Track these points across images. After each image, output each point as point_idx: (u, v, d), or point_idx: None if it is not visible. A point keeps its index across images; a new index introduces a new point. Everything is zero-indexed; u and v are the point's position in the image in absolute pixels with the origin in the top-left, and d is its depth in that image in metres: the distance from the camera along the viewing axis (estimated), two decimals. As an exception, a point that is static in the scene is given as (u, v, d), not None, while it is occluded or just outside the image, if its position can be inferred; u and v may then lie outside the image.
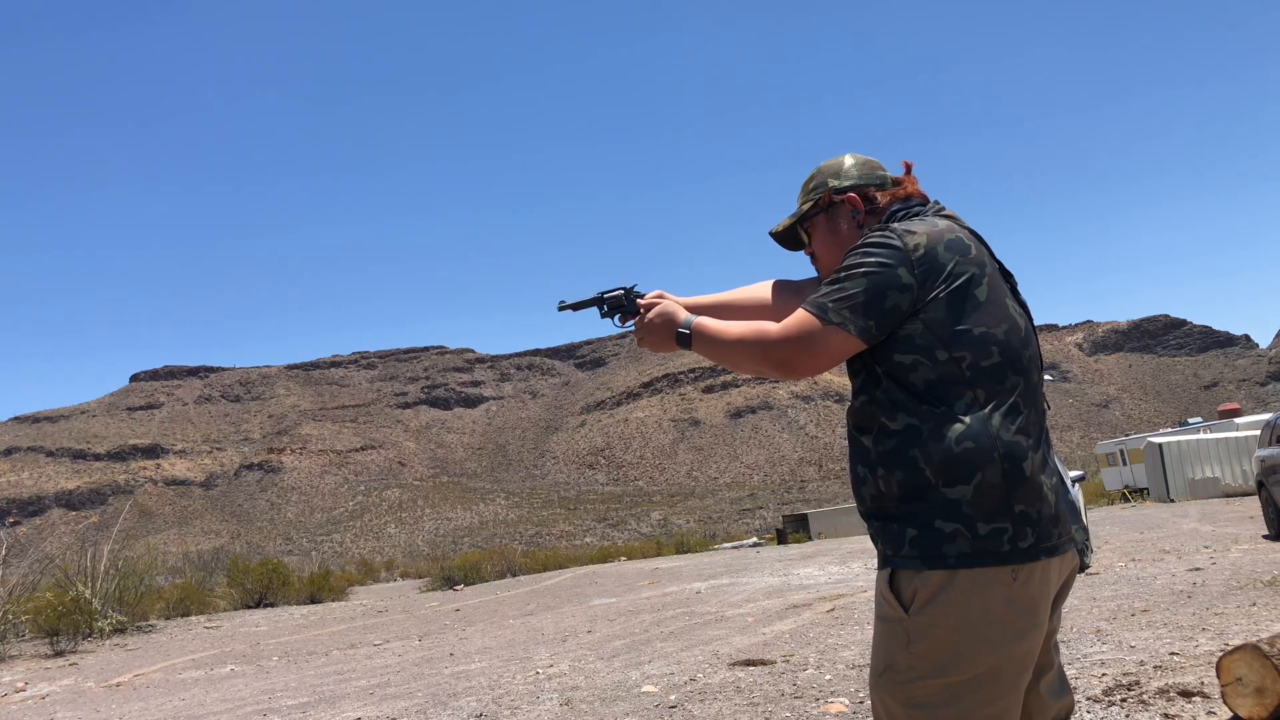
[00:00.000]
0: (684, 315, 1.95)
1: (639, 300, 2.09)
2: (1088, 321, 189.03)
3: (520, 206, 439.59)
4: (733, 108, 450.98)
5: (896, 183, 1.94)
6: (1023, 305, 1.82)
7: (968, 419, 1.65)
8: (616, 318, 2.16)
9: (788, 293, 2.13)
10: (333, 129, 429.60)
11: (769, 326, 1.78)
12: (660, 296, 2.07)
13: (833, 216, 1.96)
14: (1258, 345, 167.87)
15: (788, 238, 2.06)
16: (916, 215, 1.84)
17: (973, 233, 1.83)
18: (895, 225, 1.78)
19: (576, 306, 2.22)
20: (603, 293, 2.17)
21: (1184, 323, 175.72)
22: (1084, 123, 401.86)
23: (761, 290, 2.16)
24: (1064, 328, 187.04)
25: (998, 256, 1.84)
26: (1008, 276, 1.84)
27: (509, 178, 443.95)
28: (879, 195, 1.92)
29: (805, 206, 1.99)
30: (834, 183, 1.95)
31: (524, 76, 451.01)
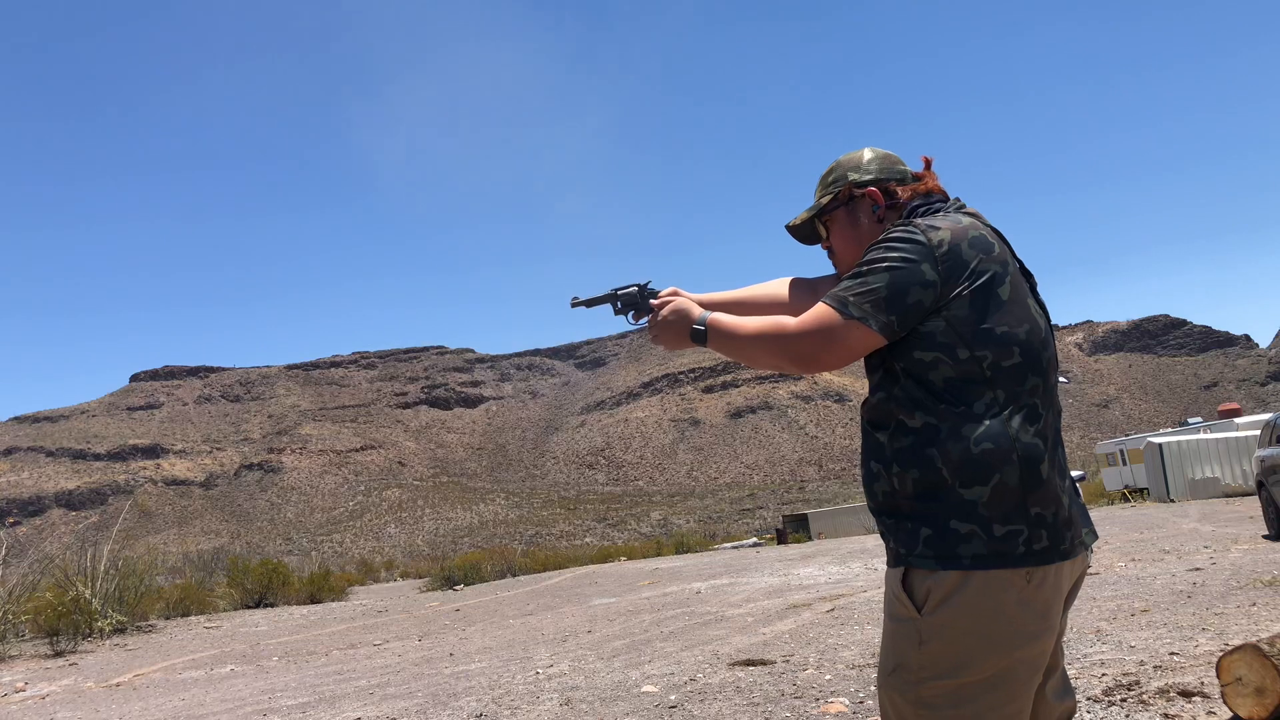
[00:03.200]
0: (699, 311, 1.92)
1: (653, 299, 2.06)
2: (1088, 321, 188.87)
3: (520, 205, 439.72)
4: (739, 106, 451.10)
5: (917, 178, 1.91)
6: (1042, 306, 1.80)
7: (987, 420, 1.63)
8: (630, 314, 2.14)
9: (804, 291, 2.09)
10: (333, 129, 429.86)
11: (787, 321, 1.75)
12: (675, 293, 2.04)
13: (852, 210, 1.92)
14: (1258, 345, 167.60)
15: (805, 232, 2.02)
16: (938, 211, 1.81)
17: (995, 231, 1.80)
18: (918, 220, 1.75)
19: (590, 303, 2.20)
20: (617, 289, 2.15)
21: (1184, 323, 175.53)
22: (1084, 123, 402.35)
23: (778, 287, 2.12)
24: (1064, 328, 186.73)
25: (1018, 256, 1.82)
26: (1028, 276, 1.82)
27: (508, 177, 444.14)
28: (899, 190, 1.88)
29: (824, 200, 1.95)
30: (854, 176, 1.91)
31: (523, 71, 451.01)
